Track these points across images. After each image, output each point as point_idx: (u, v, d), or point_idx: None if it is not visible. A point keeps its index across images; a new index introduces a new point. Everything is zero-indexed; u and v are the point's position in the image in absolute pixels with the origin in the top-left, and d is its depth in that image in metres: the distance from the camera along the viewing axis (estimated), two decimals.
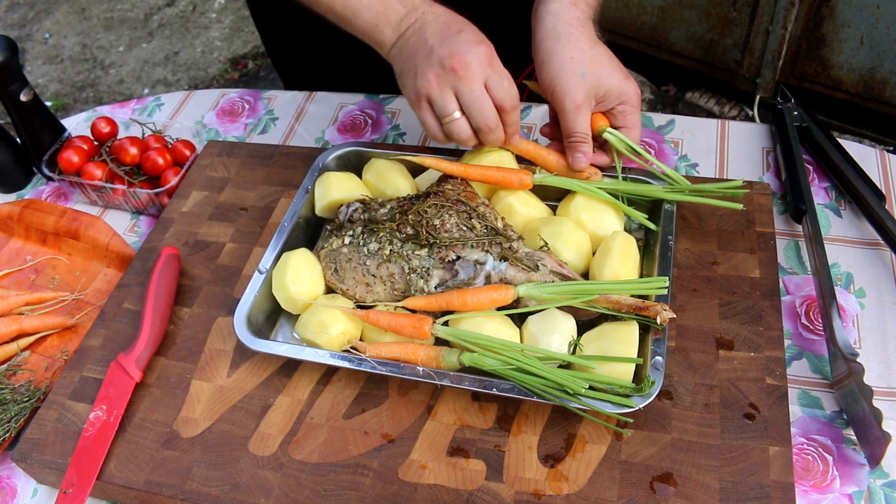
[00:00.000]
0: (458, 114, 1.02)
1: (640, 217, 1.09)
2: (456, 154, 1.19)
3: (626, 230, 1.11)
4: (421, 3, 1.06)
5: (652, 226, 1.09)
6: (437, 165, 1.12)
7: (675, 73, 3.18)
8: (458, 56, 0.98)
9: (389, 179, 1.18)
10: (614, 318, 0.99)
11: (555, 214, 1.14)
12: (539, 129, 1.38)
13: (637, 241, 1.08)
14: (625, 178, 1.13)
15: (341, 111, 1.50)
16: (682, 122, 1.37)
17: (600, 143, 1.14)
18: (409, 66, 1.04)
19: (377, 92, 1.53)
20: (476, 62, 0.99)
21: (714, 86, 3.15)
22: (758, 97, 2.95)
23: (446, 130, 1.04)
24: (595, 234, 1.09)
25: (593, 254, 1.08)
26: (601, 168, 1.14)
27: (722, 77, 3.03)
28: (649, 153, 1.31)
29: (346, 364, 0.99)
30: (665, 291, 0.98)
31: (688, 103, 3.16)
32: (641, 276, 1.06)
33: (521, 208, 1.11)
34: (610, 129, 1.10)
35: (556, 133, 1.14)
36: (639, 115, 1.11)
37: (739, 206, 1.08)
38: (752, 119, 2.98)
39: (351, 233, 1.08)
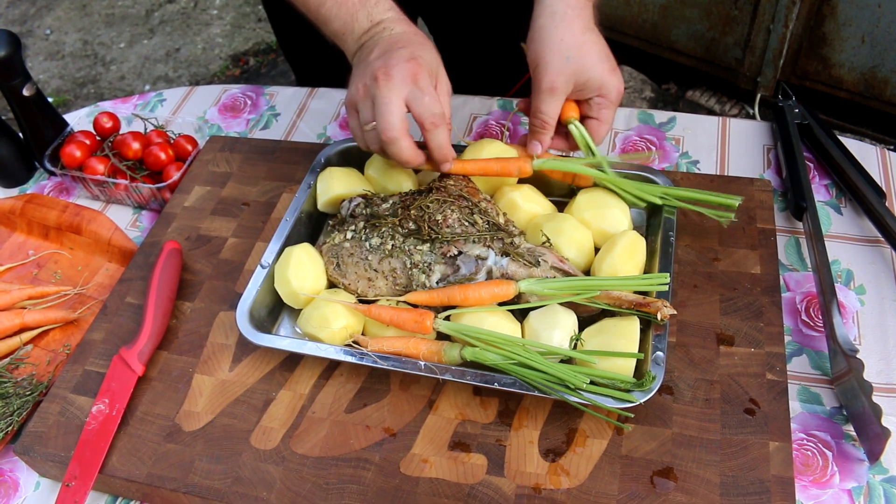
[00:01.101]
0: (375, 123, 1.01)
1: (640, 202, 1.09)
2: (457, 150, 1.19)
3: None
4: (387, 19, 1.08)
5: (656, 200, 1.08)
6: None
7: (676, 71, 3.18)
8: (384, 68, 0.99)
9: (391, 175, 1.18)
10: (615, 314, 0.99)
11: (562, 212, 1.13)
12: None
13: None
14: (623, 175, 1.13)
15: (343, 107, 1.50)
16: (684, 119, 1.37)
17: (565, 132, 1.14)
18: (353, 75, 1.07)
19: None
20: (399, 76, 0.99)
21: (715, 84, 3.14)
22: (759, 96, 2.95)
23: (365, 138, 1.05)
24: (603, 230, 1.09)
25: (597, 251, 1.08)
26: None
27: (723, 75, 3.02)
28: (650, 148, 1.32)
29: (348, 358, 0.99)
30: (666, 288, 0.98)
31: (689, 101, 3.16)
32: (644, 272, 1.06)
33: (525, 204, 1.11)
34: (576, 123, 1.10)
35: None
36: (613, 111, 1.11)
37: (731, 216, 1.07)
38: (752, 118, 2.98)
39: (353, 228, 1.09)
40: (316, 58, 1.65)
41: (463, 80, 1.71)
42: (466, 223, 1.04)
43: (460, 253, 1.02)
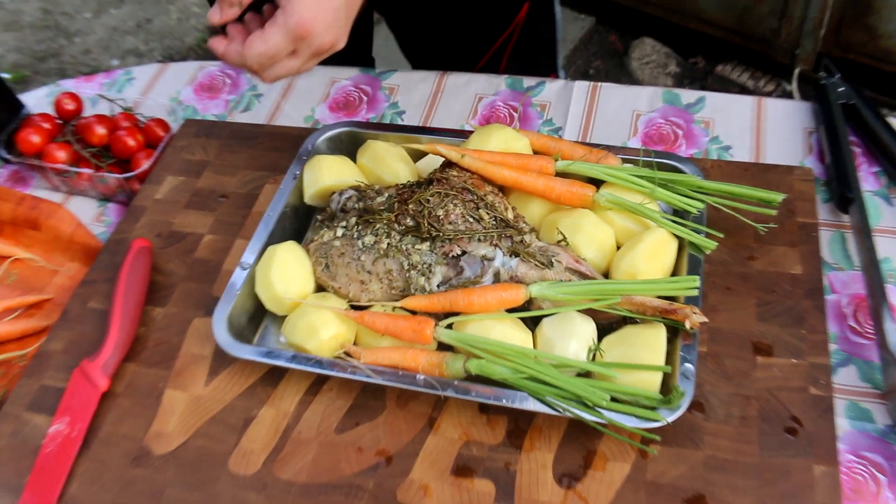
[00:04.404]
0: None
1: (678, 200, 1.06)
2: (462, 136, 1.18)
3: None
4: None
5: (694, 210, 1.06)
6: (448, 154, 1.09)
7: (704, 43, 3.17)
8: None
9: (387, 164, 1.17)
10: (638, 321, 0.98)
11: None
12: (553, 106, 1.37)
13: None
14: (651, 166, 1.11)
15: (333, 87, 1.49)
16: (714, 99, 1.35)
17: None
18: None
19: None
20: None
21: (748, 58, 3.13)
22: (797, 71, 2.93)
23: None
24: (628, 228, 1.07)
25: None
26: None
27: (757, 48, 3.01)
28: (677, 135, 1.30)
29: (337, 373, 0.98)
30: (696, 292, 0.97)
31: (718, 77, 3.15)
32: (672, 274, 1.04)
33: (538, 197, 1.10)
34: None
35: None
36: None
37: (773, 213, 1.06)
38: (790, 95, 2.96)
39: (344, 224, 1.08)
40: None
41: (427, 54, 1.67)
42: (471, 219, 1.03)
43: (464, 253, 1.00)
